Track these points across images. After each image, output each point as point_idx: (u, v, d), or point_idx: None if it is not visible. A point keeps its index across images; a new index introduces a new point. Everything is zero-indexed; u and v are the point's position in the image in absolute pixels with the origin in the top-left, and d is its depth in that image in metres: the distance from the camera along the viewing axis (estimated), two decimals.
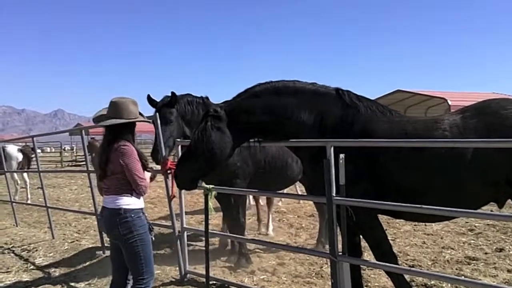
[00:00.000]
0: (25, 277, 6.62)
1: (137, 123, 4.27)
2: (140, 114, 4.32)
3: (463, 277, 5.63)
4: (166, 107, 6.09)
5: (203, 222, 5.55)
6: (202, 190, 5.07)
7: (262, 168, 6.48)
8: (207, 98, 6.33)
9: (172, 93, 6.11)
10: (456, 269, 6.13)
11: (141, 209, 4.13)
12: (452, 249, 7.10)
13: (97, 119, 4.18)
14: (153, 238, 4.22)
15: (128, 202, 4.02)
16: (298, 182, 7.79)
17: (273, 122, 4.30)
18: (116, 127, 4.06)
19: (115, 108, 4.08)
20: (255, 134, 4.45)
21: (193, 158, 4.23)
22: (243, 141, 4.45)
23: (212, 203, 5.06)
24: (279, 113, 4.26)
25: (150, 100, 6.32)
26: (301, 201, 11.75)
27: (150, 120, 4.89)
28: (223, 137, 4.20)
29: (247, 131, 4.36)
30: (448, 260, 6.50)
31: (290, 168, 6.68)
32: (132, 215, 3.98)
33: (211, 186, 5.08)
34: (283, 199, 11.36)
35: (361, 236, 4.38)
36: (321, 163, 4.09)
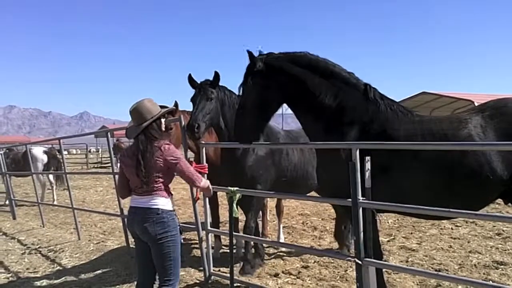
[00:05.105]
0: (52, 278, 6.71)
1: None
2: (163, 106, 4.40)
3: (491, 282, 5.53)
4: (207, 85, 5.95)
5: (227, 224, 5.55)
6: (225, 193, 5.08)
7: (284, 177, 6.41)
8: None
9: (216, 72, 5.97)
10: (484, 273, 6.01)
11: (174, 210, 4.16)
12: (479, 253, 6.97)
13: (130, 130, 4.16)
14: (182, 241, 4.23)
15: (164, 203, 4.05)
16: None
17: (300, 95, 4.41)
18: (146, 130, 4.06)
19: (137, 114, 4.06)
20: (282, 98, 4.55)
21: (243, 115, 4.45)
22: (275, 101, 4.54)
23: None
24: (310, 90, 4.36)
25: (191, 80, 6.12)
26: (325, 204, 11.65)
27: (173, 108, 4.93)
28: (265, 92, 4.39)
29: (276, 93, 4.46)
30: (475, 265, 6.38)
31: (310, 176, 6.61)
32: (168, 216, 4.02)
33: (235, 188, 5.08)
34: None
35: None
36: (334, 163, 4.18)
